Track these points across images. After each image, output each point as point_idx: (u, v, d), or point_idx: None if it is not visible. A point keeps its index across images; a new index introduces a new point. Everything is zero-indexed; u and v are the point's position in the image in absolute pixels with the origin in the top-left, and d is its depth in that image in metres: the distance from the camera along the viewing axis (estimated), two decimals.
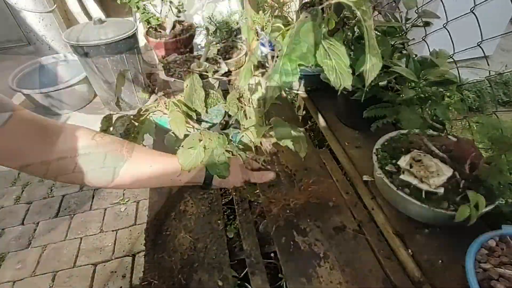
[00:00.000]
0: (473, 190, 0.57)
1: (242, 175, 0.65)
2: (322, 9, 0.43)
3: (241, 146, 0.66)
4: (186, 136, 0.61)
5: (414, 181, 0.64)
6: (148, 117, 0.71)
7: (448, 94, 0.77)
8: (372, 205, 0.72)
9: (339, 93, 0.93)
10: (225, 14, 1.28)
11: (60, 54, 2.43)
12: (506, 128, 0.57)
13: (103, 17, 2.20)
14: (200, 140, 0.57)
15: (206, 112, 0.72)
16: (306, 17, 0.40)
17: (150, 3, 1.28)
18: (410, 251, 0.62)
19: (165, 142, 0.70)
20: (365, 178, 0.77)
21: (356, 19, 0.79)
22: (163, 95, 0.80)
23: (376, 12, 0.77)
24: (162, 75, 1.10)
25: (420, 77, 0.67)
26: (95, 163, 0.47)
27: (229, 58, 1.24)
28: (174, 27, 1.29)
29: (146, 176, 0.54)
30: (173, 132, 0.65)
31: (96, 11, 2.49)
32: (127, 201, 1.68)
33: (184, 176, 0.57)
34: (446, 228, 0.64)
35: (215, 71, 1.11)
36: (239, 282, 0.84)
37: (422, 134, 0.74)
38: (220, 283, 0.61)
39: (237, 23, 1.29)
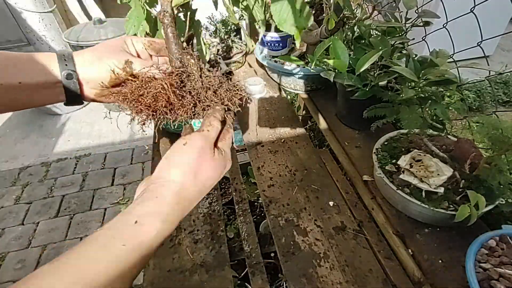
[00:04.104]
0: (473, 190, 0.57)
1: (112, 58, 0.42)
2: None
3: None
4: None
5: (414, 181, 0.64)
6: None
7: (448, 94, 0.77)
8: (372, 205, 0.72)
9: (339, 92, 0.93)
10: (225, 14, 1.28)
11: None
12: (506, 128, 0.57)
13: (103, 17, 2.21)
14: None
15: None
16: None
17: None
18: (410, 251, 0.62)
19: None
20: (365, 178, 0.77)
21: (356, 19, 0.79)
22: None
23: (376, 12, 0.77)
24: None
25: (420, 77, 0.67)
26: None
27: (229, 58, 1.24)
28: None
29: None
30: None
31: (96, 11, 2.49)
32: (127, 201, 1.68)
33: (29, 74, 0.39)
34: (446, 228, 0.64)
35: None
36: (239, 282, 0.84)
37: (422, 134, 0.74)
38: (220, 283, 0.61)
39: (237, 23, 1.29)
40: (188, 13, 0.48)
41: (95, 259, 0.27)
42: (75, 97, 0.42)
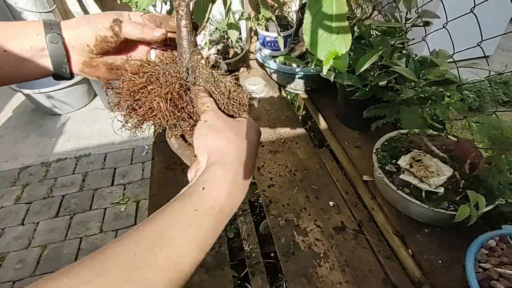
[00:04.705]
0: (473, 190, 0.57)
1: (101, 19, 0.39)
2: None
3: None
4: None
5: (414, 181, 0.64)
6: None
7: (448, 94, 0.77)
8: (372, 205, 0.72)
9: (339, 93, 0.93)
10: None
11: None
12: (506, 128, 0.57)
13: None
14: None
15: None
16: None
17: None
18: (410, 251, 0.62)
19: None
20: (365, 178, 0.77)
21: (356, 19, 0.80)
22: None
23: (376, 12, 0.77)
24: None
25: (420, 77, 0.67)
26: None
27: (229, 58, 1.24)
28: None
29: None
30: None
31: (96, 11, 2.49)
32: (127, 201, 1.68)
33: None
34: (446, 228, 0.64)
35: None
36: (239, 282, 0.84)
37: (422, 134, 0.74)
38: (220, 283, 0.61)
39: (237, 23, 1.29)
40: None
41: (169, 225, 0.27)
42: (62, 68, 0.40)
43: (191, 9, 0.38)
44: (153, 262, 0.24)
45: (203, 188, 0.30)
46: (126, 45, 0.42)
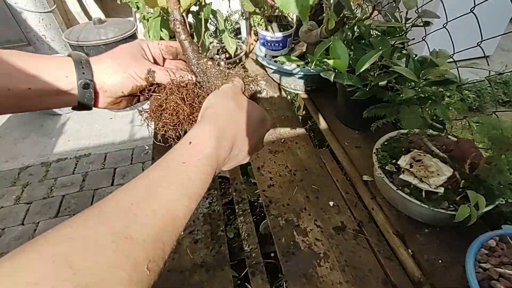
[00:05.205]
0: (473, 190, 0.57)
1: (131, 67, 0.41)
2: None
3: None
4: None
5: (414, 181, 0.64)
6: None
7: (448, 94, 0.77)
8: (372, 205, 0.72)
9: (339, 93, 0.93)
10: (225, 14, 1.28)
11: (60, 54, 2.44)
12: (506, 128, 0.57)
13: (103, 17, 2.21)
14: None
15: None
16: None
17: None
18: (410, 251, 0.62)
19: None
20: (365, 178, 0.77)
21: (356, 19, 0.79)
22: None
23: (376, 12, 0.77)
24: None
25: (420, 77, 0.67)
26: None
27: (229, 58, 1.24)
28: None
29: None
30: None
31: (96, 11, 2.49)
32: None
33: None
34: (446, 228, 0.64)
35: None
36: (239, 282, 0.84)
37: (422, 134, 0.74)
38: (220, 283, 0.61)
39: (237, 23, 1.29)
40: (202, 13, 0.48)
41: (161, 177, 0.29)
42: (87, 106, 0.41)
43: (186, 24, 0.43)
44: (149, 210, 0.26)
45: (190, 142, 0.33)
46: None
